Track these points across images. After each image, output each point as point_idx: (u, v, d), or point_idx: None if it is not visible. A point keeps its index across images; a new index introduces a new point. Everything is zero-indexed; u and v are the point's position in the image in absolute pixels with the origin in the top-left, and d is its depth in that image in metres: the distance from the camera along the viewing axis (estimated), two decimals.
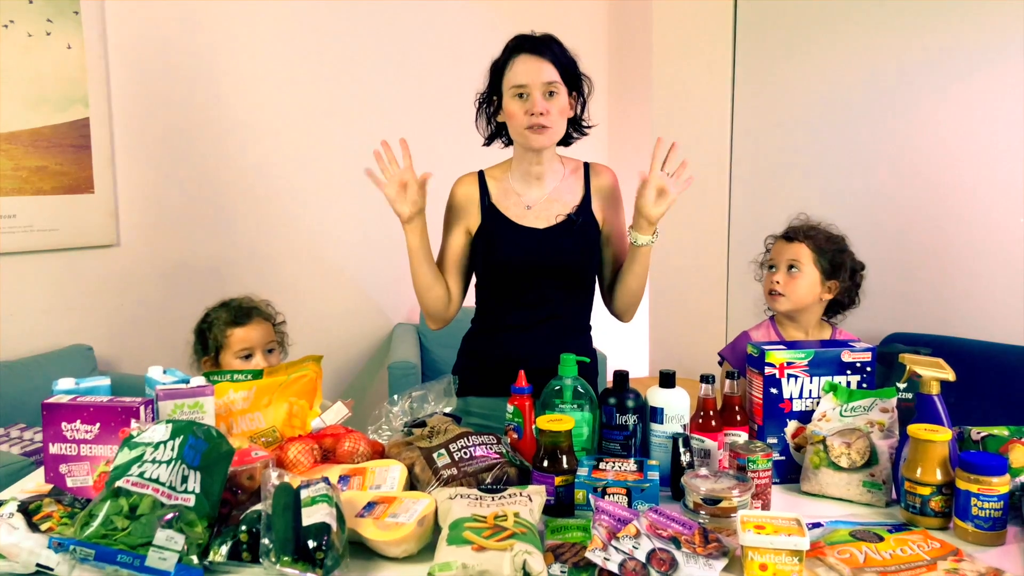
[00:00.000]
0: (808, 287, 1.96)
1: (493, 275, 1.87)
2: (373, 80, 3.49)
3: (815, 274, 1.97)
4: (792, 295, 1.96)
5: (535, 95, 1.72)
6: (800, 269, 1.96)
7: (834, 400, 1.50)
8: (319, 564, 1.12)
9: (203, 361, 2.05)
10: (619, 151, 4.12)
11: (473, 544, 1.13)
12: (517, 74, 1.74)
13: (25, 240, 2.77)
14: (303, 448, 1.45)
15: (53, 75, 2.78)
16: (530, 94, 1.72)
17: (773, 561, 1.16)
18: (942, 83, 2.94)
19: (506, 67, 1.76)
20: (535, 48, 1.74)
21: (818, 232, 2.00)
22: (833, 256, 1.98)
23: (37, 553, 1.14)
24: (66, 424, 1.38)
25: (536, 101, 1.72)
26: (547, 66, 1.73)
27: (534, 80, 1.72)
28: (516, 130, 1.78)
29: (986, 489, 1.25)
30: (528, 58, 1.73)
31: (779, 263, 1.99)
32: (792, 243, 1.99)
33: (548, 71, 1.73)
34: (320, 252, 3.41)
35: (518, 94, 1.74)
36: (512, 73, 1.75)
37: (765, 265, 2.06)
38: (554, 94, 1.73)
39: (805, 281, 1.96)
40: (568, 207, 1.84)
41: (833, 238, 2.02)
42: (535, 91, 1.72)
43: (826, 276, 1.97)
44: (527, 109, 1.73)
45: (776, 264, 2.00)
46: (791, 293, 1.96)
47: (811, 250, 1.97)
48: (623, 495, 1.34)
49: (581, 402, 1.53)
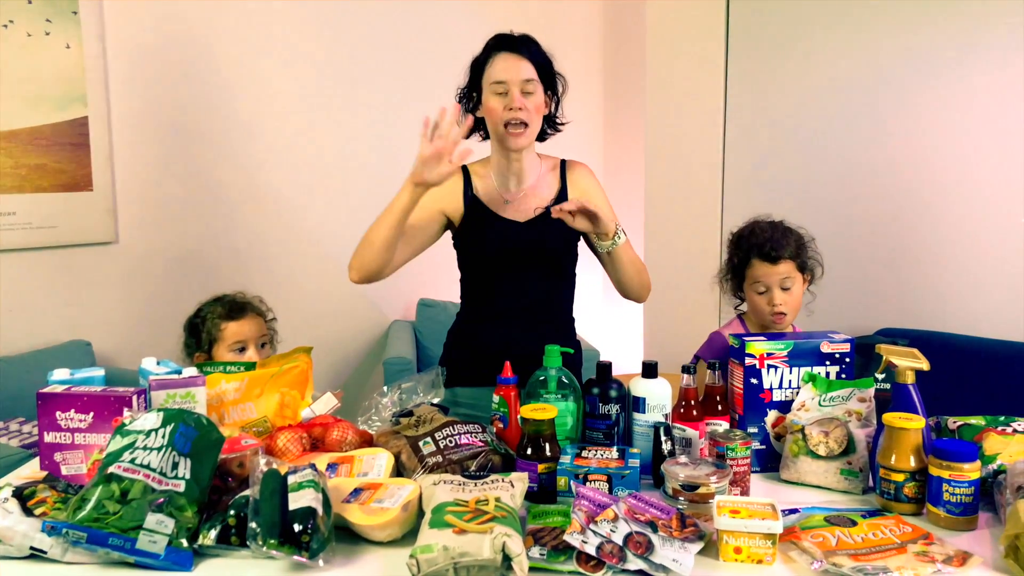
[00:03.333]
0: (800, 295, 2.02)
1: (477, 266, 1.92)
2: (369, 77, 3.53)
3: (801, 281, 2.02)
4: (792, 310, 2.00)
5: (513, 91, 1.78)
6: (792, 284, 1.99)
7: (813, 390, 1.53)
8: (305, 547, 1.15)
9: (196, 356, 2.09)
10: (613, 150, 4.15)
11: (454, 527, 1.15)
12: (497, 71, 1.79)
13: (24, 237, 2.80)
14: (292, 437, 1.48)
15: (52, 74, 2.82)
16: (509, 91, 1.78)
17: (747, 544, 1.19)
18: (931, 81, 2.97)
19: (486, 64, 1.82)
20: (514, 47, 1.81)
21: (790, 241, 2.00)
22: (806, 257, 2.02)
23: (31, 536, 1.18)
24: (60, 413, 1.41)
25: (515, 97, 1.78)
26: (525, 64, 1.80)
27: (513, 77, 1.78)
28: (495, 127, 1.83)
29: (957, 475, 1.28)
30: (507, 56, 1.80)
31: (771, 284, 1.97)
32: (778, 263, 1.97)
33: (526, 69, 1.79)
34: (317, 248, 3.44)
35: (498, 91, 1.79)
36: (492, 70, 1.80)
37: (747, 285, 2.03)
38: (531, 93, 1.79)
39: (798, 291, 2.01)
40: (545, 201, 1.89)
41: (799, 240, 2.03)
42: (513, 87, 1.78)
43: (804, 277, 2.03)
44: (506, 104, 1.78)
45: (768, 286, 1.98)
46: (791, 309, 2.00)
47: (795, 264, 1.99)
48: (604, 482, 1.37)
49: (565, 392, 1.56)
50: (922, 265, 3.04)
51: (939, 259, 3.01)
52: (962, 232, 2.97)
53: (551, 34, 1.95)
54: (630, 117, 4.00)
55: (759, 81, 3.33)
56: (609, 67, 4.17)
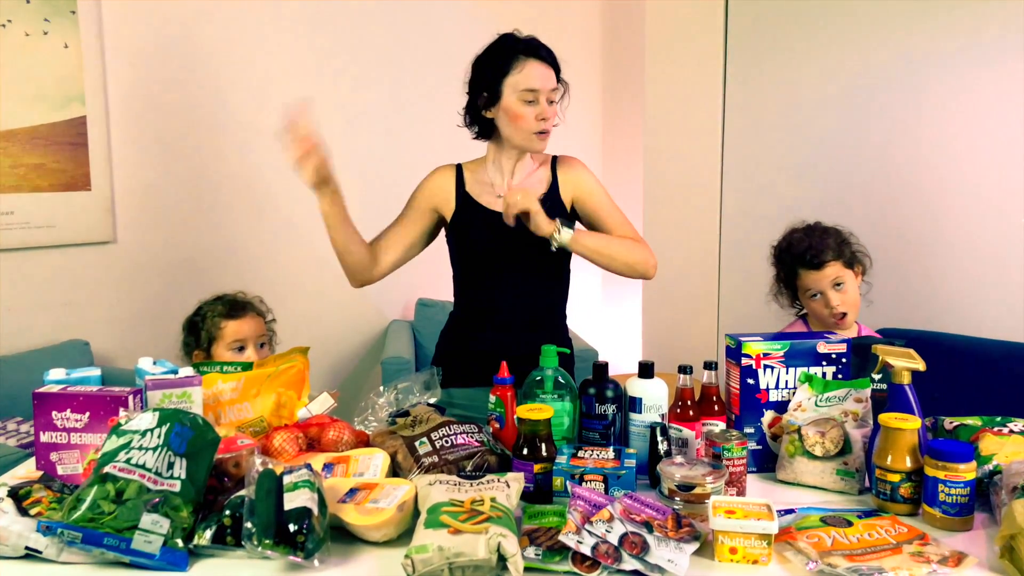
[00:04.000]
0: (856, 290, 2.04)
1: (469, 263, 1.93)
2: (368, 78, 3.52)
3: (853, 276, 2.03)
4: (852, 307, 2.02)
5: (542, 100, 1.80)
6: (844, 282, 2.01)
7: (809, 390, 1.53)
8: (300, 547, 1.15)
9: (195, 354, 2.09)
10: (612, 150, 4.15)
11: (449, 527, 1.15)
12: (530, 78, 1.79)
13: (23, 236, 2.80)
14: (288, 437, 1.48)
15: (50, 74, 2.82)
16: (539, 99, 1.80)
17: (743, 545, 1.19)
18: (931, 81, 2.97)
19: (511, 68, 1.80)
20: (542, 55, 1.81)
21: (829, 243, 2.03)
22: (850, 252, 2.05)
23: (26, 536, 1.18)
24: (56, 413, 1.41)
25: (545, 108, 1.81)
26: (552, 73, 1.82)
27: (544, 86, 1.80)
28: (520, 132, 1.83)
29: (953, 476, 1.28)
30: (539, 64, 1.80)
31: (823, 288, 2.01)
32: (824, 267, 2.00)
33: (553, 79, 1.83)
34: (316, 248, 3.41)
35: (527, 99, 1.79)
36: (523, 76, 1.79)
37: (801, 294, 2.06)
38: (554, 101, 1.84)
39: (852, 288, 2.03)
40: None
41: (838, 237, 2.06)
42: (542, 96, 1.80)
43: (855, 271, 2.05)
44: (538, 114, 1.80)
45: (821, 290, 2.01)
46: (851, 306, 2.02)
47: (841, 262, 2.01)
48: (600, 482, 1.37)
49: (562, 392, 1.56)
50: (919, 265, 3.04)
51: (937, 259, 3.00)
52: (961, 233, 2.97)
53: (550, 33, 1.95)
54: (629, 116, 4.00)
55: (758, 81, 3.33)
56: (608, 66, 4.17)
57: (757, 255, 2.31)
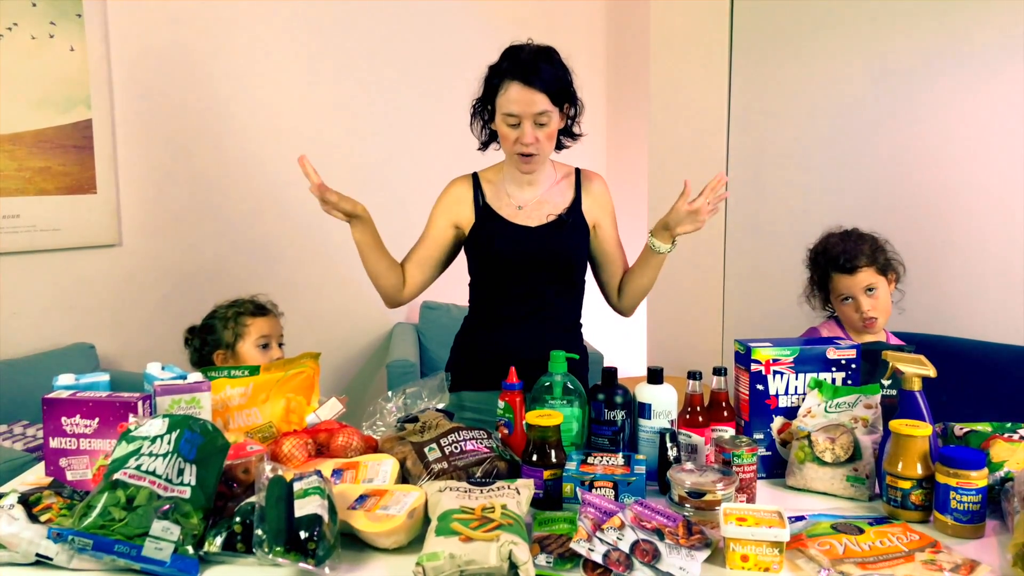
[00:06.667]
0: (887, 297, 2.07)
1: (487, 272, 1.92)
2: (373, 80, 3.53)
3: (885, 283, 2.06)
4: (883, 313, 2.05)
5: (525, 125, 1.75)
6: (876, 288, 2.04)
7: (819, 396, 1.53)
8: (310, 554, 1.15)
9: (216, 354, 2.12)
10: (616, 154, 4.15)
11: (460, 535, 1.15)
12: (510, 102, 1.75)
13: (28, 240, 2.80)
14: (297, 443, 1.48)
15: (56, 77, 2.82)
16: (521, 124, 1.76)
17: (754, 552, 1.19)
18: (938, 83, 2.96)
19: (499, 88, 1.77)
20: (527, 78, 1.73)
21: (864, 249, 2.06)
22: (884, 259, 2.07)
23: (36, 543, 1.18)
24: (66, 419, 1.41)
25: (526, 131, 1.75)
26: (538, 97, 1.73)
27: (525, 111, 1.74)
28: (507, 151, 1.83)
29: (964, 483, 1.27)
30: (521, 89, 1.73)
31: (855, 293, 2.04)
32: (857, 273, 2.03)
33: (539, 102, 1.74)
34: (321, 251, 3.44)
35: (510, 123, 1.77)
36: (505, 99, 1.76)
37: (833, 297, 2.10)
38: (544, 124, 1.76)
39: (884, 294, 2.05)
40: (559, 208, 1.89)
41: (873, 244, 2.08)
42: (526, 121, 1.75)
43: (888, 278, 2.08)
44: (517, 137, 1.77)
45: (852, 295, 2.05)
46: (882, 312, 2.05)
47: (875, 269, 2.04)
48: (610, 488, 1.36)
49: (571, 398, 1.56)
50: (928, 269, 3.02)
51: (946, 263, 2.99)
52: (969, 236, 2.95)
53: (554, 36, 1.94)
54: (634, 120, 4.00)
55: (763, 83, 3.33)
56: (612, 69, 4.16)
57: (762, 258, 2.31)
